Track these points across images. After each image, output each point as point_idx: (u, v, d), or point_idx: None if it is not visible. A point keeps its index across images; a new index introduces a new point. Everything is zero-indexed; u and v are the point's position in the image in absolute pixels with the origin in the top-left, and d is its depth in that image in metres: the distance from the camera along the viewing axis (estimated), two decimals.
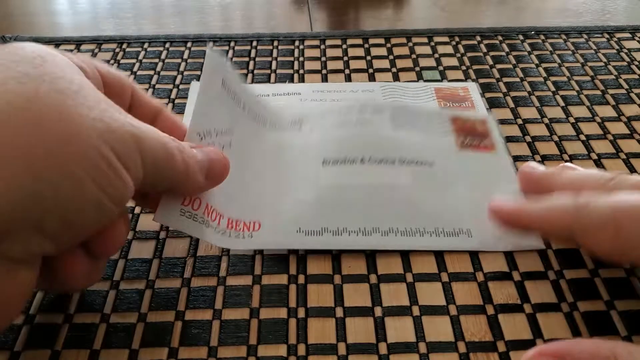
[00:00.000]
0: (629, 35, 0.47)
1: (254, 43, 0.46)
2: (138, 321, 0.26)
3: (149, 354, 0.25)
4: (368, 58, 0.44)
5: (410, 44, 0.46)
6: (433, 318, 0.26)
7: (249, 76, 0.42)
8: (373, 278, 0.28)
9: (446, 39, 0.47)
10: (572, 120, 0.38)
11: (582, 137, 0.36)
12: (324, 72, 0.43)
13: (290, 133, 0.33)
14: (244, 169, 0.29)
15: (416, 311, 0.26)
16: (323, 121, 0.33)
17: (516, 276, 0.28)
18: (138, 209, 0.31)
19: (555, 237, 0.29)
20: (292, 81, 0.41)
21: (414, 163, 0.31)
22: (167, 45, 0.45)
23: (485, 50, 0.45)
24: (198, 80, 0.40)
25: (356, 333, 0.25)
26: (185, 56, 0.44)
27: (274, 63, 0.44)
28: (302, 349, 0.25)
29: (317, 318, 0.26)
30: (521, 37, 0.46)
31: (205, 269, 0.28)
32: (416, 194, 0.30)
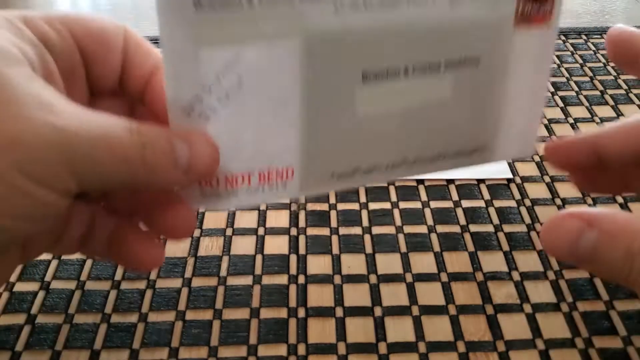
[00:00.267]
0: None
1: None
2: (139, 321, 0.26)
3: (150, 354, 0.25)
4: None
5: None
6: (432, 318, 0.26)
7: None
8: (373, 278, 0.28)
9: None
10: (571, 120, 0.38)
11: None
12: None
13: (323, 8, 0.23)
14: (266, 106, 0.24)
15: (416, 311, 0.26)
16: None
17: (515, 276, 0.28)
18: None
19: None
20: None
21: (459, 63, 0.26)
22: None
23: None
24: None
25: (356, 333, 0.26)
26: None
27: None
28: (302, 349, 0.25)
29: (317, 318, 0.26)
30: None
31: (205, 269, 0.28)
32: (451, 111, 0.26)
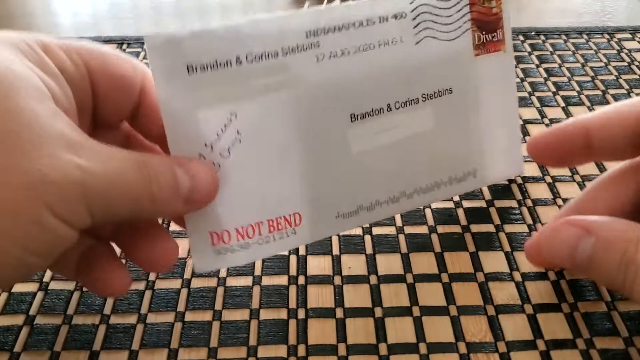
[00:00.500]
0: (629, 35, 0.47)
1: None
2: (138, 322, 0.26)
3: (149, 356, 0.25)
4: None
5: None
6: (433, 318, 0.26)
7: None
8: (373, 279, 0.28)
9: None
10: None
11: None
12: None
13: (305, 59, 0.24)
14: (267, 156, 0.25)
15: (416, 312, 0.26)
16: (341, 38, 0.25)
17: (516, 276, 0.28)
18: None
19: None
20: None
21: (435, 94, 0.28)
22: None
23: None
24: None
25: (356, 334, 0.25)
26: None
27: None
28: (303, 350, 0.25)
29: (318, 319, 0.26)
30: (521, 38, 0.46)
31: None
32: (437, 139, 0.28)
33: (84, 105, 0.22)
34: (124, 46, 0.45)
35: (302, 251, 0.29)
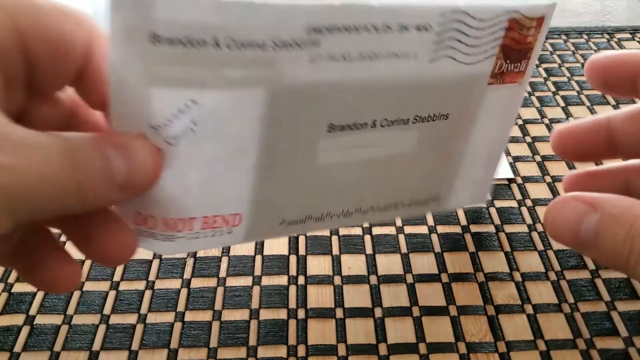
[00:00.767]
0: (629, 35, 0.47)
1: None
2: (138, 322, 0.26)
3: (149, 355, 0.25)
4: None
5: None
6: (433, 319, 0.26)
7: None
8: (373, 279, 0.28)
9: None
10: (573, 120, 0.38)
11: None
12: None
13: (298, 58, 0.21)
14: (219, 154, 0.22)
15: (416, 312, 0.26)
16: (347, 41, 0.21)
17: (517, 277, 0.28)
18: None
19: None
20: None
21: (428, 118, 0.25)
22: None
23: None
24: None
25: (356, 334, 0.25)
26: None
27: None
28: (302, 350, 0.25)
29: (317, 319, 0.26)
30: None
31: (205, 270, 0.28)
32: (413, 164, 0.26)
33: (13, 73, 0.18)
34: None
35: (302, 251, 0.29)
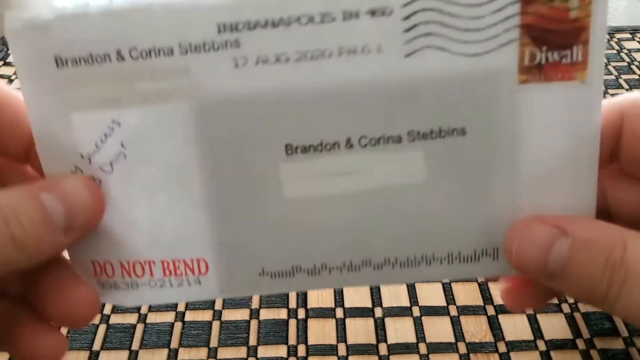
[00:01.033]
0: (629, 35, 0.47)
1: None
2: (138, 322, 0.26)
3: (149, 356, 0.25)
4: None
5: None
6: (433, 318, 0.26)
7: None
8: None
9: None
10: None
11: None
12: None
13: (216, 62, 0.18)
14: (159, 179, 0.19)
15: (416, 312, 0.26)
16: (275, 39, 0.18)
17: None
18: None
19: None
20: None
21: (433, 134, 0.19)
22: None
23: None
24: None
25: (356, 334, 0.25)
26: None
27: None
28: (302, 350, 0.25)
29: (318, 319, 0.26)
30: None
31: None
32: (430, 198, 0.20)
33: None
34: None
35: None
